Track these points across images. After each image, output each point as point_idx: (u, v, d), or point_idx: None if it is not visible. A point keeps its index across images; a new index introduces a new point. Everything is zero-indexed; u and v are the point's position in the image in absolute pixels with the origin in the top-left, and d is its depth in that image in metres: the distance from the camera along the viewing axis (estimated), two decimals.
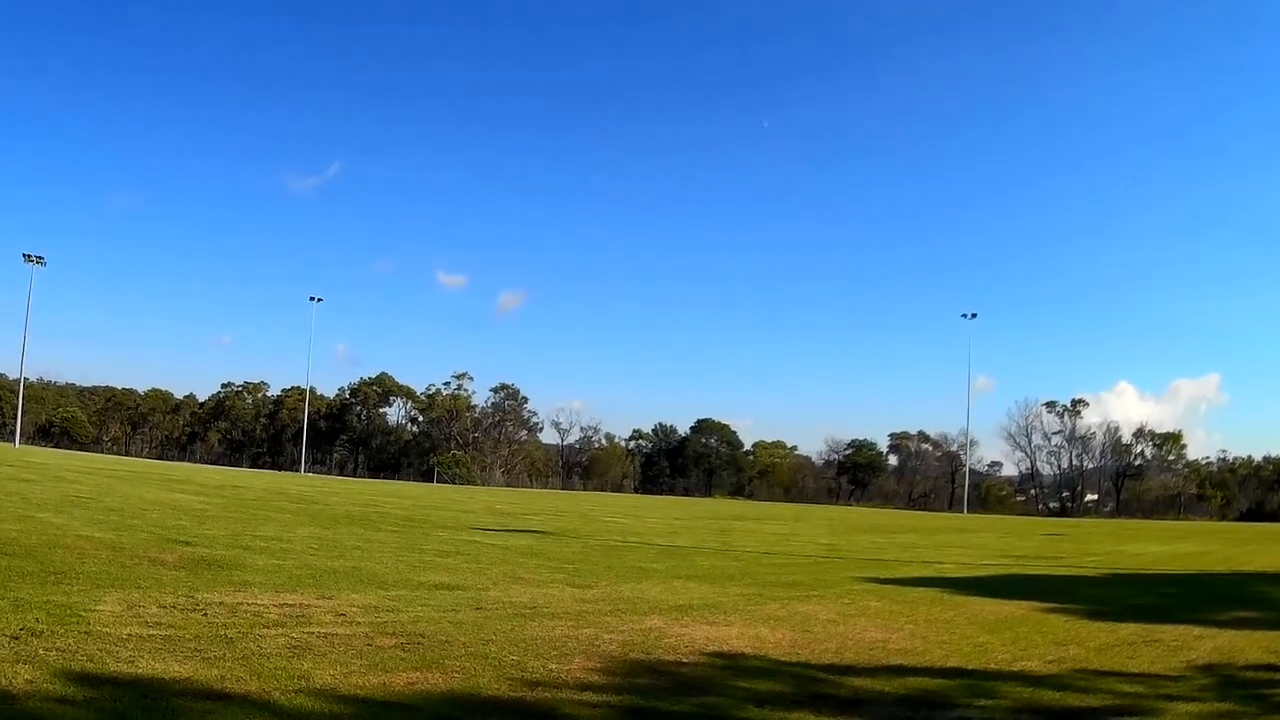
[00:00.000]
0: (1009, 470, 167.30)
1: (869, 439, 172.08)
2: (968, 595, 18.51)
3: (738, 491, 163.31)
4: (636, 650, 11.05)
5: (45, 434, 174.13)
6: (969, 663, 11.39)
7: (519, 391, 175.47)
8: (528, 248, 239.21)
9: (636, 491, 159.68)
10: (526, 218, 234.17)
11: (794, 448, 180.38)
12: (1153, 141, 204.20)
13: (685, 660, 10.68)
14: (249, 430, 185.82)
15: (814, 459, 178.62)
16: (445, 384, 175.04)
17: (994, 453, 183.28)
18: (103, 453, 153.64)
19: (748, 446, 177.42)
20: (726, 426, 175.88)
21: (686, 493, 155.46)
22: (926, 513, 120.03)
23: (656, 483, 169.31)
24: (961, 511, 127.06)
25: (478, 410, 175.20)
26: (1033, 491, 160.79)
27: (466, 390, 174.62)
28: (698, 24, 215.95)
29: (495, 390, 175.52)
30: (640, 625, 12.88)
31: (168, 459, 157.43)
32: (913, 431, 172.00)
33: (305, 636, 10.54)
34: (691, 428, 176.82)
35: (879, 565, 25.52)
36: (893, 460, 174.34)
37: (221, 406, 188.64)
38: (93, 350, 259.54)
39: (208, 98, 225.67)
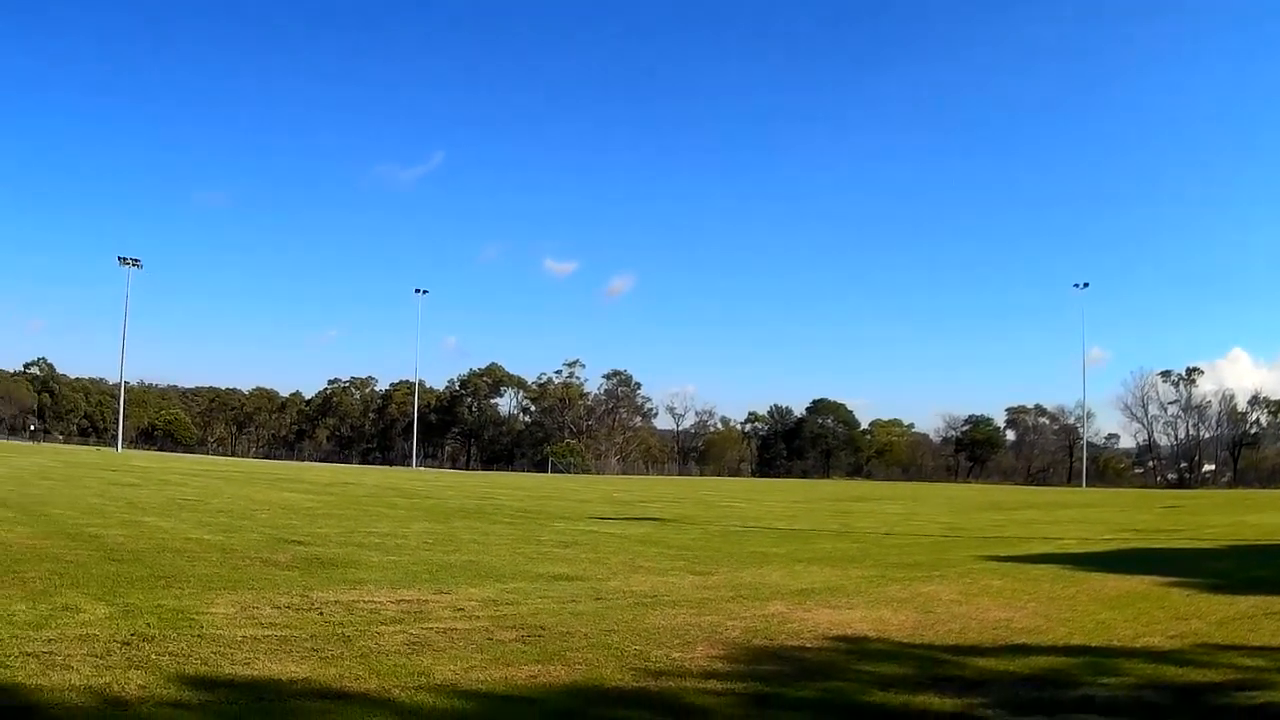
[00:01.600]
0: (1126, 442, 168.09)
1: (985, 415, 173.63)
2: (1089, 571, 18.60)
3: (855, 472, 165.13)
4: (759, 636, 11.24)
5: (148, 437, 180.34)
6: (1091, 640, 11.51)
7: (631, 377, 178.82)
8: (637, 231, 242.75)
9: (754, 475, 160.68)
10: (635, 201, 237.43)
11: (910, 425, 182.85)
12: (1263, 102, 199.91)
13: (808, 645, 10.87)
14: (358, 426, 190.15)
15: (931, 436, 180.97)
16: (557, 372, 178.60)
17: (1111, 425, 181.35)
18: (208, 454, 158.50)
19: (864, 425, 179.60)
20: (842, 406, 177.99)
21: (804, 475, 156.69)
22: (1045, 488, 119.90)
23: (773, 465, 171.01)
24: (1080, 486, 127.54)
25: (590, 398, 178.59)
26: (1150, 463, 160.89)
27: (578, 378, 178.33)
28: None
29: (608, 377, 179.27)
30: (762, 611, 13.06)
31: (275, 458, 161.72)
32: (1029, 406, 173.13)
33: (424, 632, 10.76)
34: (807, 408, 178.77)
35: (1000, 543, 25.57)
36: (1010, 435, 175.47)
37: (329, 403, 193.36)
38: (194, 351, 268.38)
39: (308, 90, 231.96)
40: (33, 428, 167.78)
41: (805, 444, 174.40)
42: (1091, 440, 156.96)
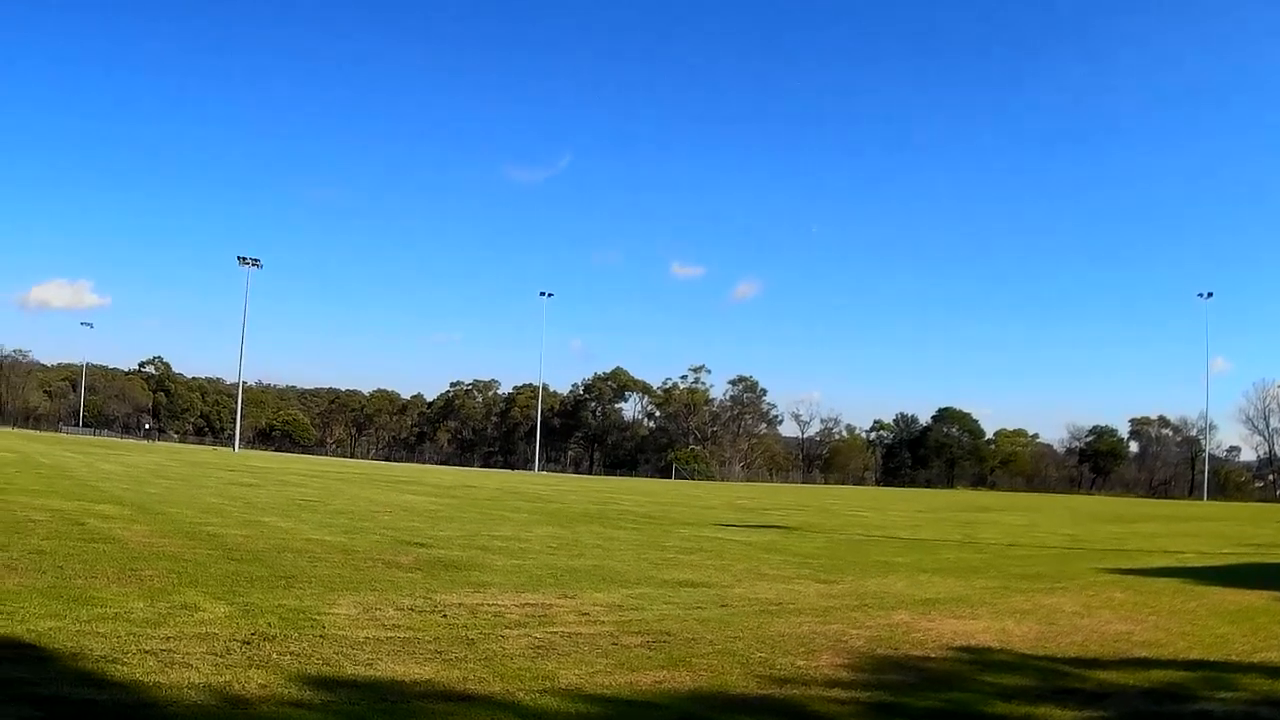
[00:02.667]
0: (1247, 455, 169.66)
1: (1109, 425, 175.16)
2: (1208, 585, 19.03)
3: (979, 482, 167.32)
4: (883, 645, 11.49)
5: (265, 437, 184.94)
6: (1210, 654, 11.77)
7: (757, 383, 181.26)
8: (764, 236, 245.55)
9: (878, 484, 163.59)
10: (762, 205, 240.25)
11: (1035, 436, 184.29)
12: None
13: (932, 655, 11.14)
14: (479, 429, 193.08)
15: (1055, 446, 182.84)
16: (682, 377, 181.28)
17: (1233, 437, 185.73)
18: (326, 455, 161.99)
19: (989, 435, 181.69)
20: (968, 415, 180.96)
21: (928, 484, 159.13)
22: (1166, 500, 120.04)
23: (898, 474, 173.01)
24: (1201, 499, 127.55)
25: (715, 404, 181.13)
26: (1270, 477, 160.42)
27: (703, 383, 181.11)
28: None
29: (733, 382, 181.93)
30: (887, 620, 13.35)
31: (394, 460, 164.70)
32: (1153, 416, 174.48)
33: (548, 636, 10.94)
34: (933, 417, 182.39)
35: (1121, 555, 26.04)
36: (1133, 447, 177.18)
37: (451, 405, 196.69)
38: (314, 353, 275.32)
39: (437, 89, 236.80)
40: (147, 426, 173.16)
41: (930, 453, 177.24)
42: (1213, 453, 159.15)
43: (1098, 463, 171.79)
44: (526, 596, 13.84)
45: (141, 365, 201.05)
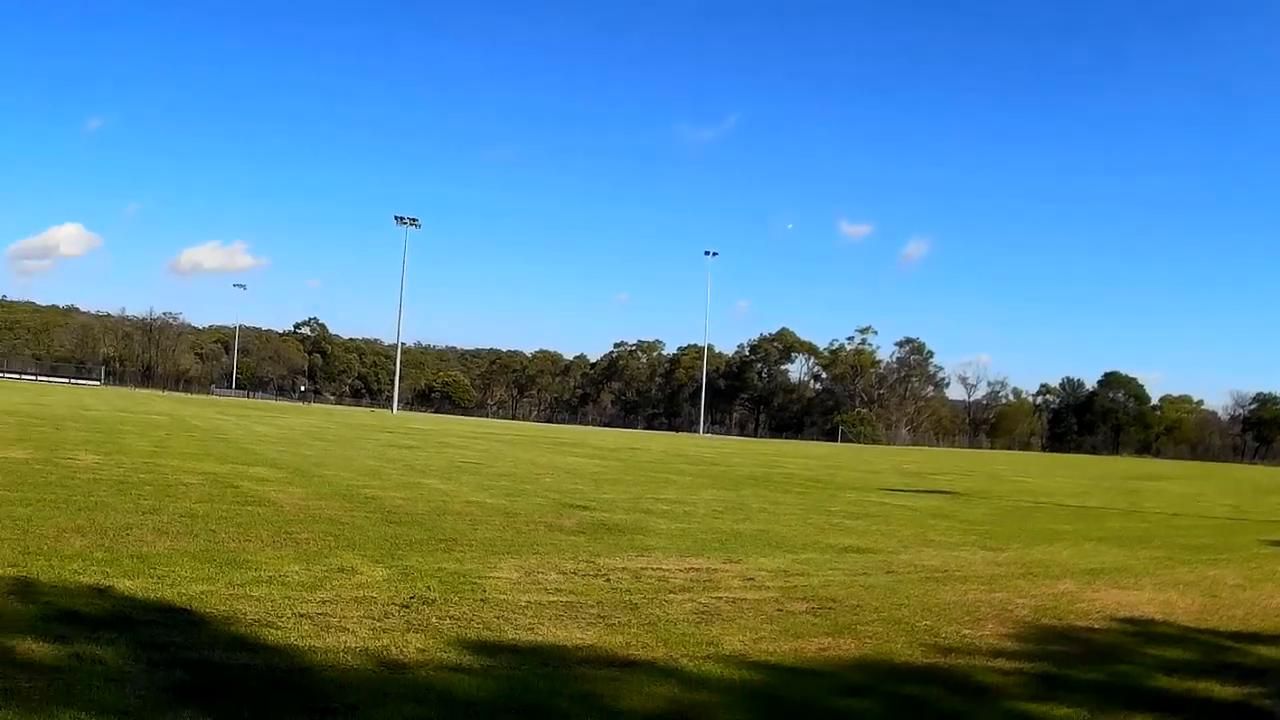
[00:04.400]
0: None
1: (1274, 393, 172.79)
2: None
3: (1144, 449, 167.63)
4: (1048, 616, 11.72)
5: (424, 399, 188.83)
6: None
7: (924, 345, 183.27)
8: (934, 194, 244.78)
9: (1043, 449, 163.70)
10: (932, 164, 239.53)
11: (1200, 402, 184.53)
12: None
13: (1096, 626, 11.33)
14: (644, 390, 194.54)
15: (1219, 414, 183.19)
16: (849, 339, 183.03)
17: None
18: (487, 416, 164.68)
19: (1154, 401, 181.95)
20: (1134, 381, 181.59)
21: (1093, 450, 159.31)
22: None
23: (1063, 440, 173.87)
24: None
25: (882, 366, 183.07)
26: None
27: (870, 345, 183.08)
28: None
29: (900, 344, 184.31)
30: (1052, 589, 13.57)
31: (557, 422, 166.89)
32: None
33: (712, 602, 11.11)
34: (1099, 382, 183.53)
35: None
36: None
37: (614, 366, 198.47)
38: (474, 313, 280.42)
39: (604, 47, 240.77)
40: (303, 389, 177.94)
41: (1095, 419, 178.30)
42: None
43: (1261, 431, 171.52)
44: (691, 561, 14.00)
45: (297, 327, 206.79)
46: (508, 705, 7.07)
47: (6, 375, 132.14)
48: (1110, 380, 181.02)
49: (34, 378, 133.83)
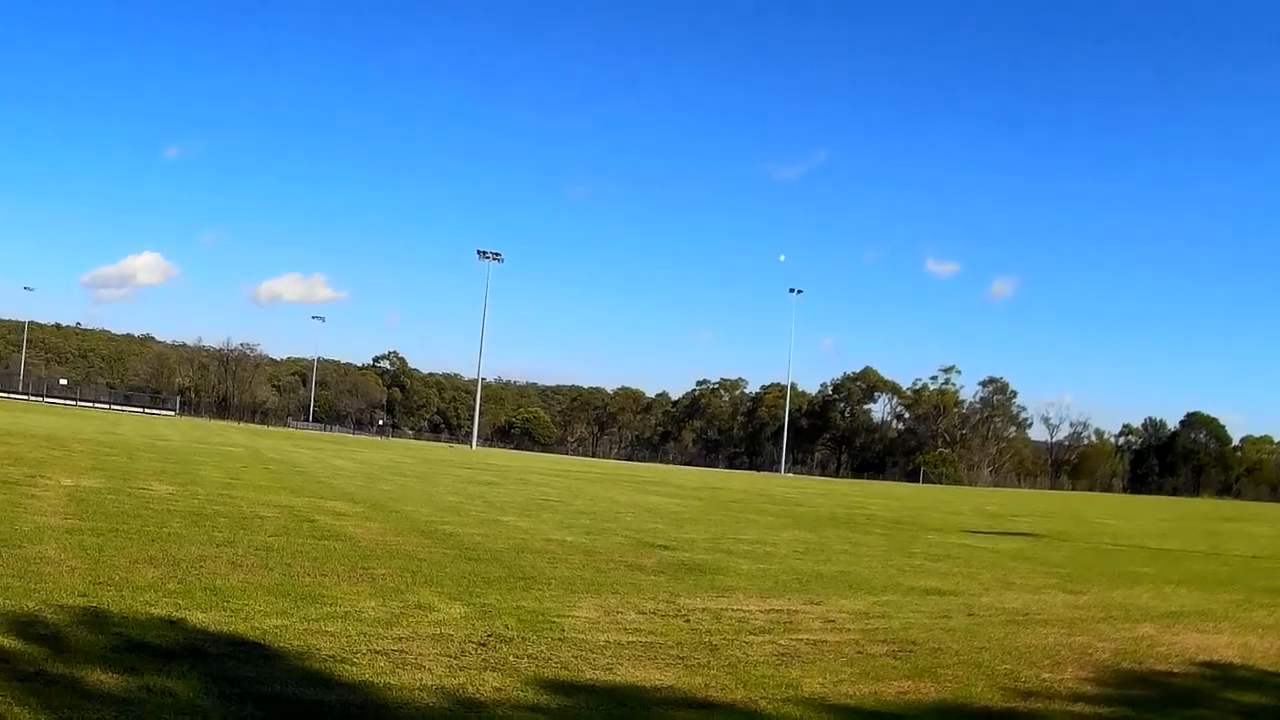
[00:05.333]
0: None
1: None
2: None
3: (1224, 490, 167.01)
4: (1128, 659, 11.72)
5: (504, 435, 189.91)
6: None
7: (1008, 385, 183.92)
8: (1022, 232, 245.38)
9: (1125, 491, 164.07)
10: (1022, 201, 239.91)
11: None
12: None
13: (1175, 670, 11.37)
14: (725, 429, 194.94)
15: None
16: (932, 378, 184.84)
17: None
18: (567, 454, 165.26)
19: (1235, 441, 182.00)
20: (1215, 421, 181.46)
21: (1174, 492, 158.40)
22: None
23: (1145, 481, 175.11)
24: None
25: (965, 405, 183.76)
26: None
27: (953, 384, 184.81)
28: None
29: (983, 384, 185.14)
30: (1132, 633, 13.59)
31: (637, 459, 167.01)
32: None
33: (793, 643, 11.11)
34: (1180, 422, 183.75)
35: None
36: None
37: (696, 405, 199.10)
38: (555, 349, 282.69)
39: (687, 84, 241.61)
40: (381, 423, 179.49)
41: (1177, 459, 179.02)
42: None
43: None
44: (771, 602, 13.97)
45: (376, 360, 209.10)
46: None
47: (80, 403, 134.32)
48: (1192, 421, 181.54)
49: (107, 406, 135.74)
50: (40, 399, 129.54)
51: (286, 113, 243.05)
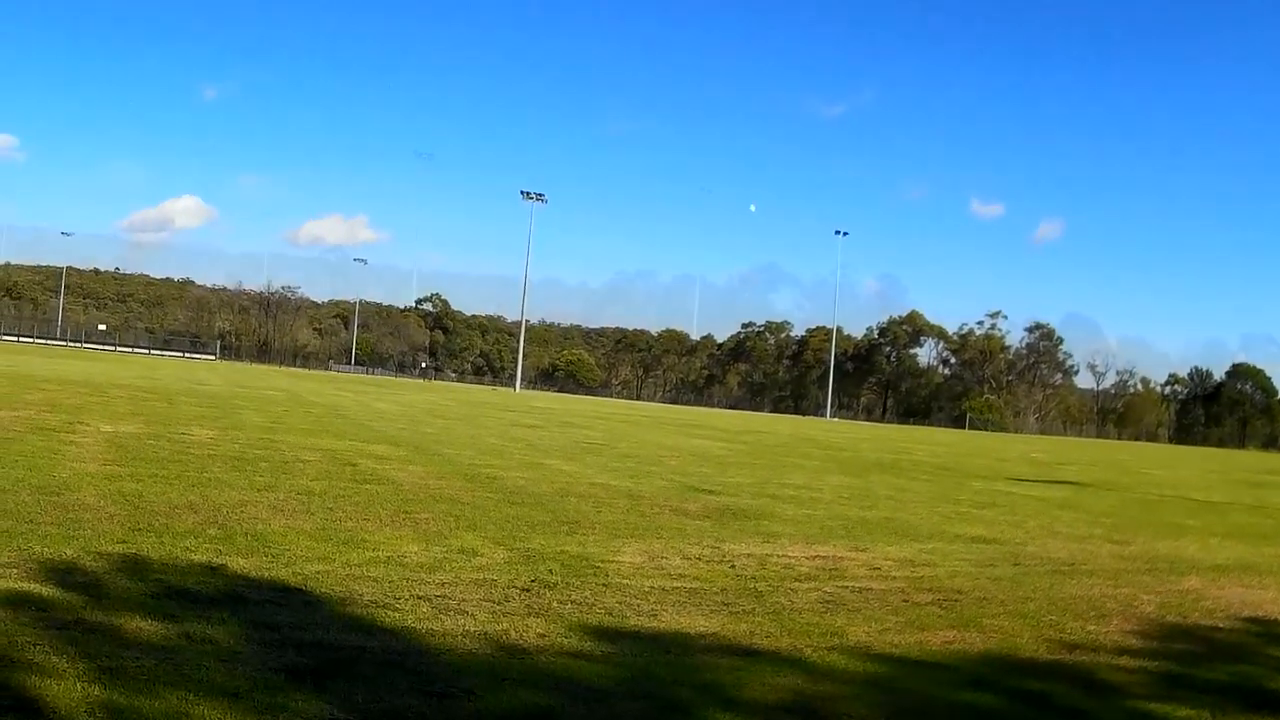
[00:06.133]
0: None
1: None
2: None
3: (1270, 443, 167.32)
4: (1173, 613, 11.68)
5: (548, 377, 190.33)
6: None
7: (1054, 331, 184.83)
8: (1069, 173, 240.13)
9: (1170, 440, 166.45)
10: (1069, 142, 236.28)
11: None
12: None
13: (1220, 625, 11.28)
14: (770, 373, 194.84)
15: None
16: (979, 323, 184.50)
17: None
18: (611, 396, 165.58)
19: None
20: (1261, 372, 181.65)
21: (1220, 443, 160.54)
22: None
23: (1191, 431, 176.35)
24: None
25: (1011, 351, 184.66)
26: None
27: (1000, 329, 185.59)
28: None
29: (1030, 330, 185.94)
30: (1177, 586, 13.54)
31: (682, 403, 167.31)
32: None
33: (838, 591, 11.13)
34: (1226, 373, 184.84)
35: None
36: None
37: (741, 348, 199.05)
38: (600, 292, 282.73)
39: (737, 19, 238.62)
40: (424, 365, 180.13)
41: (1223, 410, 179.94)
42: None
43: None
44: (817, 548, 13.97)
45: (419, 302, 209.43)
46: (628, 693, 7.02)
47: (119, 349, 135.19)
48: (1238, 371, 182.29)
49: (146, 351, 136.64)
50: (79, 345, 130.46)
51: (325, 50, 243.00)
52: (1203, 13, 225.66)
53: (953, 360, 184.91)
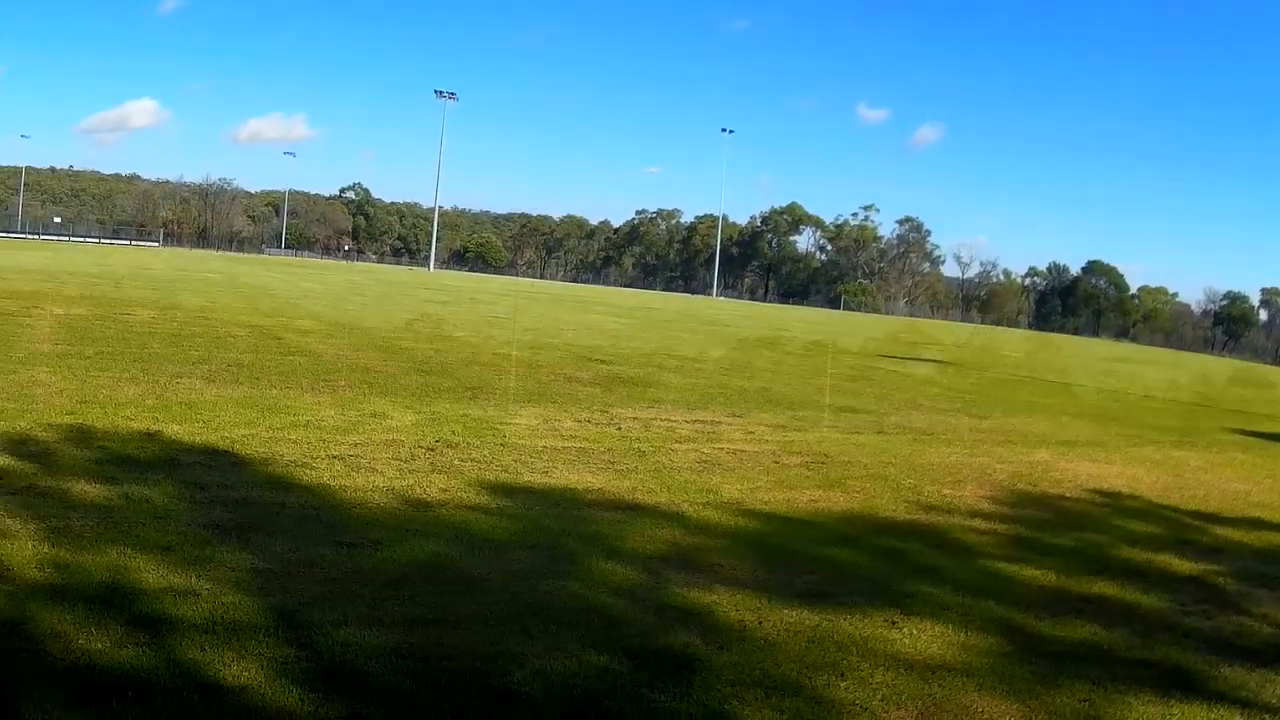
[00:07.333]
0: None
1: (1242, 292, 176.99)
2: None
3: (1121, 335, 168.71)
4: (1024, 481, 11.83)
5: (460, 259, 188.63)
6: None
7: (922, 224, 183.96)
8: (950, 81, 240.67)
9: (1029, 328, 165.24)
10: (950, 52, 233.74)
11: (1175, 295, 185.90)
12: None
13: (1068, 495, 11.44)
14: (662, 255, 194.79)
15: (1193, 308, 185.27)
16: (853, 214, 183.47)
17: None
18: (517, 276, 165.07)
19: (1133, 290, 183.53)
20: (1114, 270, 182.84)
21: (1075, 333, 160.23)
22: None
23: (1048, 321, 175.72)
24: None
25: (883, 241, 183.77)
26: None
27: (872, 222, 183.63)
28: None
29: (900, 222, 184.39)
30: (1029, 458, 13.70)
31: (581, 283, 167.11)
32: None
33: (715, 452, 11.24)
34: (1082, 268, 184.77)
35: (1245, 418, 25.41)
36: (1263, 315, 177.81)
37: (635, 232, 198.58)
38: (507, 180, 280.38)
39: None
40: (347, 248, 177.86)
41: (1078, 303, 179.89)
42: None
43: (1230, 327, 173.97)
44: (698, 414, 14.10)
45: (342, 191, 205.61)
46: (521, 543, 7.14)
47: (73, 239, 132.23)
48: (1093, 268, 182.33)
49: (98, 241, 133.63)
50: (37, 237, 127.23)
51: None
52: None
53: (829, 248, 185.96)
